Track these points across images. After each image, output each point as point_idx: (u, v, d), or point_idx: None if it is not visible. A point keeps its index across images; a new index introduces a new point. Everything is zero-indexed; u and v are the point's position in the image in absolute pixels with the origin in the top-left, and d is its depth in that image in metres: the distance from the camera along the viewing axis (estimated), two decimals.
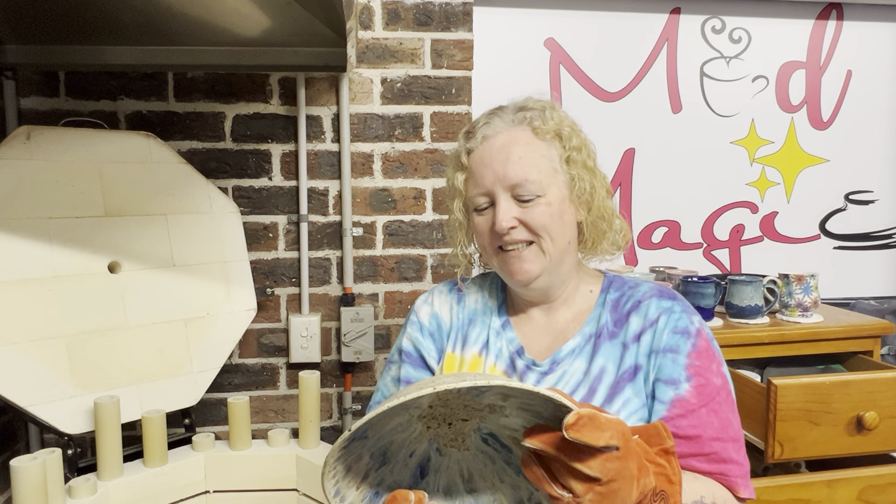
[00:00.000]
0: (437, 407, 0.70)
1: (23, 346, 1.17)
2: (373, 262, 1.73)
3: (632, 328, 0.88)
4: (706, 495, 0.78)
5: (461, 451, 0.72)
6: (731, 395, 0.87)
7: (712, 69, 1.95)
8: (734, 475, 0.82)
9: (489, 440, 0.71)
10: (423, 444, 0.71)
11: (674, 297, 0.90)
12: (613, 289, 0.94)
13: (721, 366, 0.87)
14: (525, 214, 0.87)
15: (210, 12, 1.28)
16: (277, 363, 1.72)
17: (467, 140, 0.92)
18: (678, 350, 0.85)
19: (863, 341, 1.57)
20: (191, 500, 1.31)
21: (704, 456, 0.82)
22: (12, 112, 1.53)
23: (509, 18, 1.85)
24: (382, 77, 1.69)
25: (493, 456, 0.71)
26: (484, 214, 0.90)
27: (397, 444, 0.70)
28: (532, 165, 0.87)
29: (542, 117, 0.90)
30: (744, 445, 0.86)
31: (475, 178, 0.90)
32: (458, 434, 0.72)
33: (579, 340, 0.90)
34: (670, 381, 0.84)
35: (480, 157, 0.90)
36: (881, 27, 2.00)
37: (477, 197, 0.90)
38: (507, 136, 0.89)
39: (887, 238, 2.08)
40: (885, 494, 1.43)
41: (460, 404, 0.70)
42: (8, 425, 1.51)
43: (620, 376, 0.86)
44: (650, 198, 1.96)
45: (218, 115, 1.65)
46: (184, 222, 1.43)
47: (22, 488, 1.01)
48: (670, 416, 0.83)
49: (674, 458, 0.70)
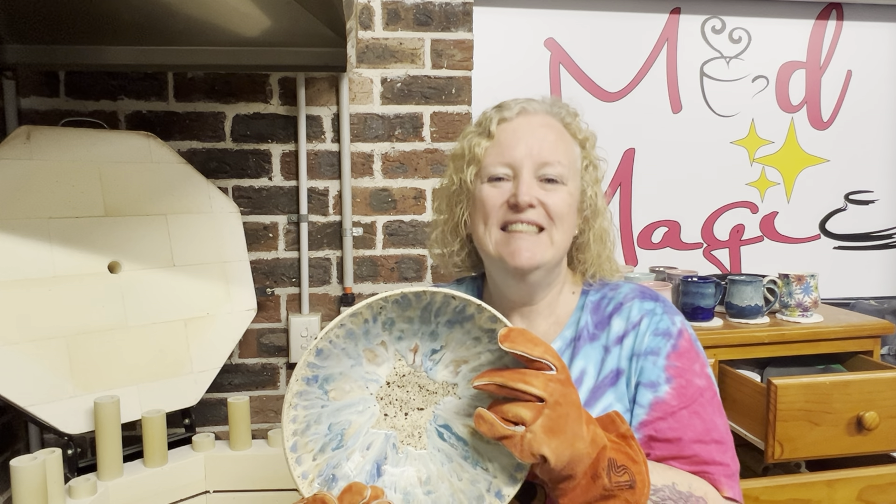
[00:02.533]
0: (393, 386, 0.72)
1: (23, 346, 1.17)
2: (373, 262, 1.73)
3: (614, 331, 0.87)
4: (680, 483, 0.76)
5: (418, 449, 0.72)
6: (715, 396, 0.85)
7: (712, 69, 1.95)
8: (717, 474, 0.80)
9: (444, 434, 0.72)
10: (380, 438, 0.72)
11: (655, 297, 0.89)
12: (594, 291, 0.92)
13: (705, 367, 0.85)
14: (547, 197, 0.83)
15: (210, 12, 1.28)
16: (277, 363, 1.72)
17: (501, 111, 0.89)
18: (658, 352, 0.84)
19: (863, 341, 1.57)
20: (191, 500, 1.31)
21: (685, 458, 0.80)
22: (12, 112, 1.53)
23: (509, 18, 1.85)
24: (382, 77, 1.69)
25: (449, 453, 0.72)
26: (497, 187, 0.86)
27: (356, 427, 0.71)
28: (564, 154, 0.86)
29: (574, 120, 0.91)
30: (730, 448, 0.83)
31: (501, 147, 0.86)
32: (415, 428, 0.72)
33: (560, 345, 0.89)
34: (650, 384, 0.83)
35: (514, 129, 0.87)
36: (881, 27, 2.00)
37: (497, 166, 0.86)
38: (545, 119, 0.89)
39: (887, 238, 2.08)
40: (885, 494, 1.43)
41: (415, 384, 0.72)
42: (8, 425, 1.51)
43: (601, 381, 0.85)
44: (650, 198, 1.96)
45: (218, 115, 1.65)
46: (184, 222, 1.43)
47: (22, 488, 1.01)
48: (650, 419, 0.82)
49: (633, 441, 0.71)
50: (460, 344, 0.71)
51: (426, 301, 0.67)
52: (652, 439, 0.82)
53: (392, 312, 0.69)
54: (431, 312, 0.69)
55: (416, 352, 0.72)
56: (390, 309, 0.68)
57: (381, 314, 0.69)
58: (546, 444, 0.62)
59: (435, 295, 0.67)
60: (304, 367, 0.67)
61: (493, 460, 0.69)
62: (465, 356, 0.71)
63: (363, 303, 0.66)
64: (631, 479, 0.67)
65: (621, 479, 0.66)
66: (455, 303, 0.67)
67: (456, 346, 0.71)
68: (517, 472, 0.68)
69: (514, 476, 0.68)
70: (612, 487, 0.66)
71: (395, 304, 0.67)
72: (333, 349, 0.68)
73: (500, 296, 0.93)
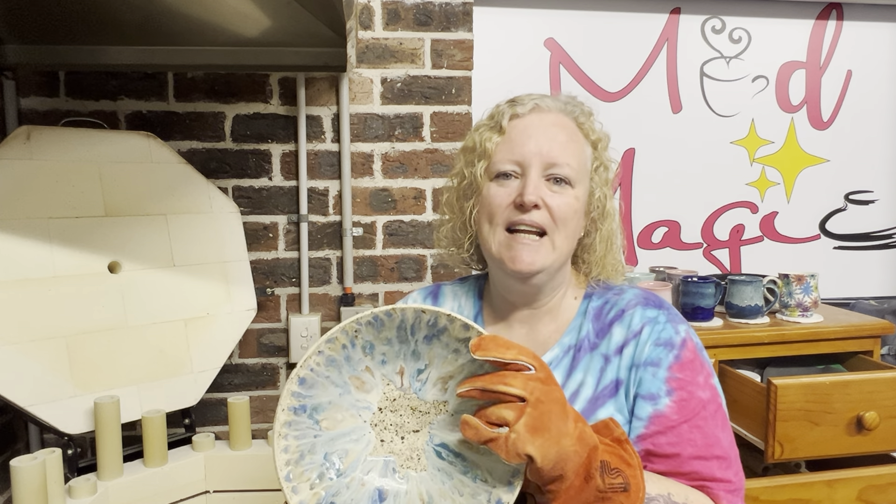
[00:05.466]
0: (386, 411, 0.72)
1: (23, 346, 1.17)
2: (373, 262, 1.73)
3: (614, 339, 0.84)
4: (676, 494, 0.74)
5: (418, 472, 0.72)
6: (721, 409, 0.82)
7: (712, 69, 1.95)
8: (717, 490, 0.78)
9: (442, 453, 0.72)
10: (379, 464, 0.72)
11: (660, 305, 0.86)
12: (596, 296, 0.90)
13: (710, 377, 0.82)
14: (552, 199, 0.82)
15: (210, 12, 1.28)
16: (277, 363, 1.72)
17: (513, 106, 0.88)
18: (659, 363, 0.81)
19: (863, 341, 1.57)
20: (191, 500, 1.31)
21: (684, 475, 0.78)
22: (12, 112, 1.53)
23: (509, 18, 1.85)
24: (382, 77, 1.69)
25: (448, 471, 0.71)
26: (504, 185, 0.84)
27: (353, 455, 0.71)
28: (574, 155, 0.85)
29: (588, 119, 0.90)
30: (734, 463, 0.80)
31: (511, 143, 0.85)
32: (413, 451, 0.72)
33: (557, 352, 0.87)
34: (649, 397, 0.80)
35: (525, 126, 0.85)
36: (881, 27, 2.00)
37: (506, 163, 0.84)
38: (558, 118, 0.87)
39: (887, 238, 2.08)
40: (885, 494, 1.43)
41: (407, 407, 0.72)
42: (8, 425, 1.51)
43: (601, 391, 0.83)
44: (650, 198, 1.96)
45: (218, 115, 1.65)
46: (184, 222, 1.43)
47: (22, 488, 1.01)
48: (648, 433, 0.79)
49: (628, 445, 0.70)
50: (442, 359, 0.71)
51: (398, 319, 0.68)
52: (650, 454, 0.79)
53: (368, 335, 0.69)
54: (407, 330, 0.69)
55: (402, 374, 0.72)
56: (365, 331, 0.69)
57: (358, 337, 0.69)
58: (530, 442, 0.61)
59: (405, 311, 0.67)
60: (288, 396, 0.68)
61: (491, 470, 0.69)
62: (450, 371, 0.71)
63: (337, 327, 0.68)
64: (625, 481, 0.66)
65: (615, 482, 0.65)
66: (426, 316, 0.67)
67: (439, 362, 0.71)
68: (513, 479, 0.68)
69: (511, 482, 0.68)
70: (605, 489, 0.65)
71: (368, 325, 0.68)
72: (317, 378, 0.69)
73: (500, 297, 0.92)
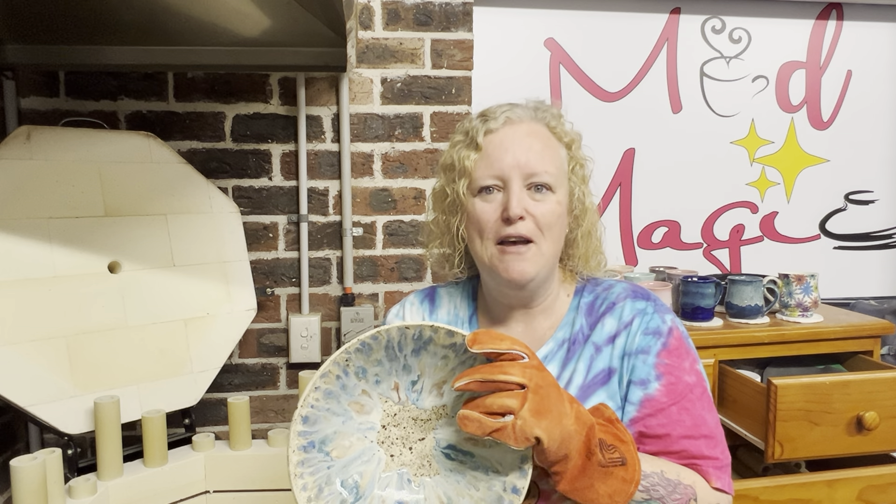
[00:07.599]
0: (389, 427, 0.74)
1: (23, 346, 1.17)
2: (373, 262, 1.73)
3: (606, 329, 0.88)
4: (668, 471, 0.78)
5: (432, 477, 0.74)
6: (706, 392, 0.86)
7: (712, 69, 1.95)
8: (706, 466, 0.82)
9: (451, 454, 0.74)
10: (394, 479, 0.74)
11: (647, 296, 0.90)
12: (587, 292, 0.94)
13: (695, 363, 0.87)
14: (536, 208, 0.85)
15: (210, 12, 1.28)
16: (277, 363, 1.72)
17: (485, 121, 0.89)
18: (648, 351, 0.85)
19: (863, 341, 1.57)
20: (191, 500, 1.31)
21: (674, 454, 0.82)
22: (12, 112, 1.53)
23: (509, 18, 1.85)
24: (382, 77, 1.69)
25: (460, 469, 0.73)
26: (488, 201, 0.86)
27: (368, 476, 0.73)
28: (551, 161, 0.87)
29: (559, 122, 0.92)
30: (720, 442, 0.85)
31: (490, 159, 0.87)
32: (423, 458, 0.74)
33: (552, 346, 0.90)
34: (640, 382, 0.84)
35: (500, 140, 0.87)
36: (881, 27, 2.00)
37: (487, 178, 0.86)
38: (531, 127, 0.89)
39: (887, 238, 2.08)
40: (885, 494, 1.43)
41: (408, 418, 0.74)
42: (8, 425, 1.51)
43: (592, 380, 0.86)
44: (650, 198, 1.96)
45: (218, 115, 1.65)
46: (184, 222, 1.43)
47: (22, 488, 1.01)
48: (640, 416, 0.83)
49: (619, 424, 0.74)
50: (433, 367, 0.73)
51: (384, 340, 0.70)
52: (642, 435, 0.83)
53: (359, 361, 0.71)
54: (394, 349, 0.71)
55: (397, 389, 0.74)
56: (355, 358, 0.70)
57: (350, 365, 0.71)
58: (537, 425, 0.64)
59: (389, 332, 0.69)
60: (295, 437, 0.69)
61: (500, 460, 0.71)
62: (442, 377, 0.73)
63: (328, 361, 0.69)
64: (621, 456, 0.70)
65: (613, 457, 0.70)
66: (410, 331, 0.69)
67: (430, 370, 0.73)
68: (523, 464, 0.70)
69: (522, 468, 0.70)
70: (607, 464, 0.69)
71: (357, 352, 0.70)
72: (318, 412, 0.71)
73: (495, 300, 0.95)
